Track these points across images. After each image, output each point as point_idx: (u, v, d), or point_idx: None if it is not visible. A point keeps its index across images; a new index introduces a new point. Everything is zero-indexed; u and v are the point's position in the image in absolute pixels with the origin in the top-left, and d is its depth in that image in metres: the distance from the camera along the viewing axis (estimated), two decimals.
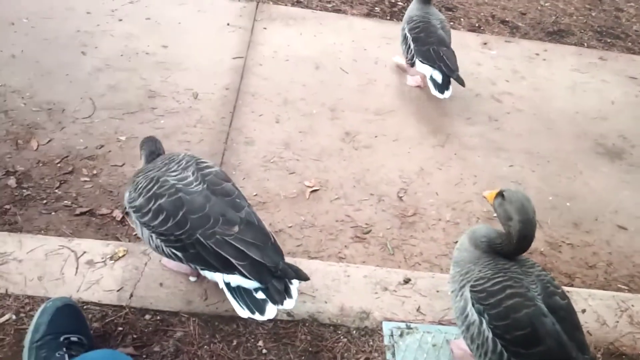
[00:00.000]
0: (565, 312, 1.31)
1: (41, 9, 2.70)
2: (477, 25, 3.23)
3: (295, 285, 1.36)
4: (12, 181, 2.01)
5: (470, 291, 1.34)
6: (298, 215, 2.13)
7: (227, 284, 1.33)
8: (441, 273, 1.72)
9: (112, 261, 1.49)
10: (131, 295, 1.47)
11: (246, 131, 2.39)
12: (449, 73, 2.44)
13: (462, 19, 3.24)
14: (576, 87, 2.93)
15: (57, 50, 2.52)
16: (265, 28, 2.91)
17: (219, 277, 1.33)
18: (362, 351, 1.48)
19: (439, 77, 2.45)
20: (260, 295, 1.31)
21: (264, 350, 1.44)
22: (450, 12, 3.35)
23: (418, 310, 1.59)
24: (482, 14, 3.31)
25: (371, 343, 1.50)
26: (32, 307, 1.39)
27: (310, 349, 1.46)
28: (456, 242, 2.11)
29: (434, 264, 2.03)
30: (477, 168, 2.41)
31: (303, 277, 1.35)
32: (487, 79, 2.89)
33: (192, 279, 1.53)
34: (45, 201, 1.97)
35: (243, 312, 1.30)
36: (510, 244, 1.35)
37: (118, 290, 1.48)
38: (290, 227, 2.09)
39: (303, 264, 1.66)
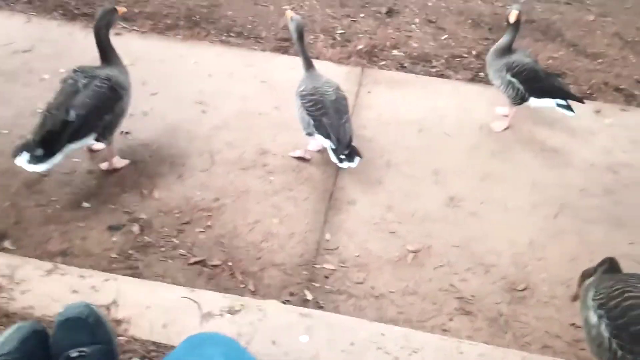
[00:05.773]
0: None
1: (170, 71, 2.99)
2: (588, 92, 3.12)
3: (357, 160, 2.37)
4: (136, 228, 2.17)
5: (592, 299, 1.57)
6: (400, 281, 2.09)
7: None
8: None
9: (230, 314, 1.54)
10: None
11: (349, 191, 2.43)
12: (572, 98, 2.68)
13: (571, 86, 3.13)
14: None
15: (181, 109, 2.76)
16: (369, 92, 3.00)
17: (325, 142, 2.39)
18: None
19: (564, 104, 2.69)
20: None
21: None
22: (558, 78, 3.27)
23: None
24: (593, 80, 3.20)
25: None
26: (157, 353, 1.46)
27: None
28: (572, 323, 1.97)
29: (547, 346, 1.90)
30: (593, 244, 2.26)
31: (360, 155, 2.40)
32: (601, 149, 2.75)
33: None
34: (163, 249, 2.11)
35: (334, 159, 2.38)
36: None
37: None
38: (392, 292, 2.06)
39: (412, 335, 1.62)
